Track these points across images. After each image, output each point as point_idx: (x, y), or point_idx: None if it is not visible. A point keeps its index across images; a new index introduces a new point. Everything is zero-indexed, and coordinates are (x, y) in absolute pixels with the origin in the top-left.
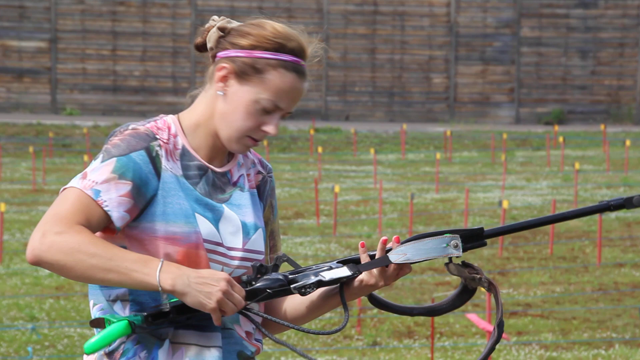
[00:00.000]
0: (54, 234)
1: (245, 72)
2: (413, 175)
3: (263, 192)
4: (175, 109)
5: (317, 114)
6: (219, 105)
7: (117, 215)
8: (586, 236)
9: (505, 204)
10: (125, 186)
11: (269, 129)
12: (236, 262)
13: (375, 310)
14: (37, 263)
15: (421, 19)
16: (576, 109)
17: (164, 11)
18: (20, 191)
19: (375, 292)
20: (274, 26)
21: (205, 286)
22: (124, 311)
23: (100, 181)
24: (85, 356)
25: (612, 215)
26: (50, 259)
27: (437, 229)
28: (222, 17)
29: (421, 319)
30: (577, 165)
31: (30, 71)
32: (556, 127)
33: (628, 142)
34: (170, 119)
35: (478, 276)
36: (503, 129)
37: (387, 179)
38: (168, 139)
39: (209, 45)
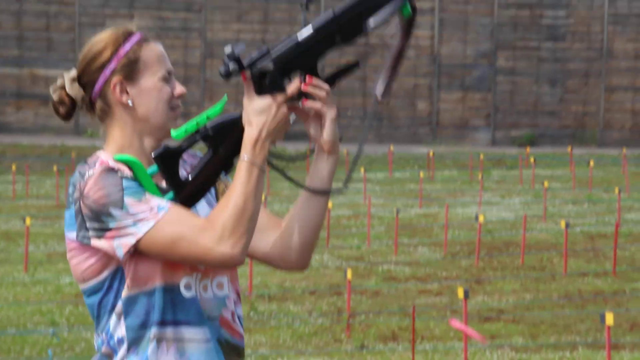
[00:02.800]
0: (221, 243)
1: (131, 69)
2: (399, 192)
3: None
4: None
5: None
6: (136, 112)
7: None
8: (554, 248)
9: (481, 219)
10: (150, 195)
11: (179, 90)
12: None
13: (363, 315)
14: (247, 252)
15: (407, 50)
16: (546, 132)
17: (177, 42)
18: (45, 206)
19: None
20: (100, 35)
21: (278, 126)
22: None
23: (153, 203)
24: None
25: (577, 229)
26: (247, 240)
27: (420, 240)
28: (59, 81)
29: (404, 324)
30: (546, 184)
31: None
32: (528, 149)
33: (592, 163)
34: (104, 155)
35: None
36: (480, 150)
37: (375, 195)
38: (124, 170)
39: (78, 97)
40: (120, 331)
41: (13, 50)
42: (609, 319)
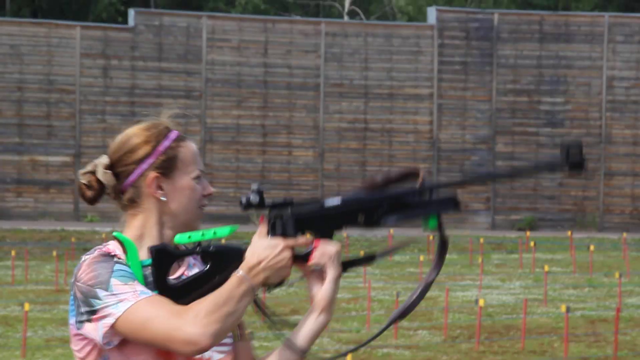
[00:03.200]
0: (191, 324)
1: (168, 167)
2: (399, 275)
3: None
4: None
5: None
6: (168, 207)
7: None
8: (554, 332)
9: (481, 302)
10: (138, 282)
11: (209, 190)
12: None
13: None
14: (214, 342)
15: (407, 135)
16: (546, 216)
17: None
18: (44, 291)
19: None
20: (138, 128)
21: (278, 265)
22: None
23: (138, 288)
24: None
25: (578, 313)
26: (216, 330)
27: (420, 324)
28: (90, 166)
29: None
30: (546, 268)
31: (56, 183)
32: (528, 233)
33: (592, 247)
34: (112, 244)
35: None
36: (480, 234)
37: (375, 278)
38: (121, 257)
39: (110, 185)
40: None
41: (14, 138)
42: None
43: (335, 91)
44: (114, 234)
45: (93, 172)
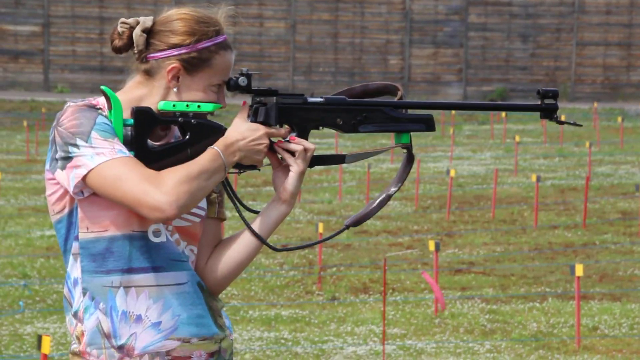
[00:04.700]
0: (161, 191)
1: (195, 65)
2: (370, 146)
3: None
4: None
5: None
6: (173, 96)
7: None
8: (524, 201)
9: (452, 173)
10: (118, 140)
11: (222, 103)
12: None
13: (335, 268)
14: (180, 213)
15: (379, 6)
16: (517, 87)
17: None
18: (16, 161)
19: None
20: (191, 15)
21: (255, 148)
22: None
23: (117, 146)
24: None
25: (548, 182)
26: (185, 201)
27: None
28: (133, 20)
29: (375, 276)
30: (517, 138)
31: (25, 53)
32: None
33: (563, 117)
34: (101, 100)
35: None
36: None
37: (347, 150)
38: (105, 110)
39: (138, 48)
40: (76, 272)
41: None
42: (579, 270)
43: None
44: (102, 87)
45: (132, 27)
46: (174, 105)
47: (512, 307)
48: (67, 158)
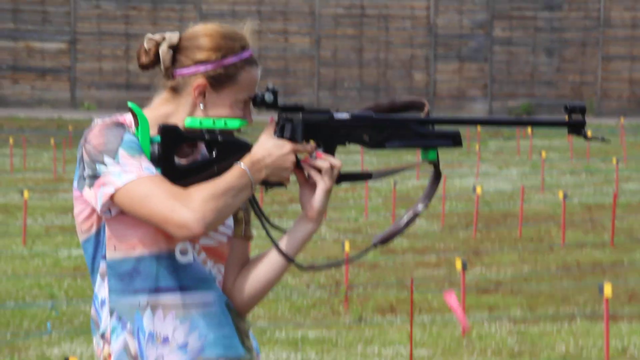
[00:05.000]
0: (188, 208)
1: (221, 81)
2: (396, 163)
3: None
4: None
5: None
6: (199, 113)
7: None
8: (551, 219)
9: (479, 190)
10: (145, 158)
11: (249, 119)
12: None
13: (362, 288)
14: (206, 230)
15: (403, 20)
16: (543, 102)
17: (172, 14)
18: (43, 179)
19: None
20: (217, 31)
21: (281, 165)
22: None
23: (144, 164)
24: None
25: (575, 199)
26: (212, 219)
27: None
28: (159, 35)
29: (402, 296)
30: (544, 154)
31: (52, 70)
32: None
33: (589, 133)
34: (128, 117)
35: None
36: None
37: (372, 167)
38: (131, 127)
39: (164, 64)
40: (104, 292)
41: (8, 24)
42: (607, 290)
43: None
44: (129, 103)
45: (158, 43)
46: (200, 122)
47: (539, 328)
48: (95, 176)
